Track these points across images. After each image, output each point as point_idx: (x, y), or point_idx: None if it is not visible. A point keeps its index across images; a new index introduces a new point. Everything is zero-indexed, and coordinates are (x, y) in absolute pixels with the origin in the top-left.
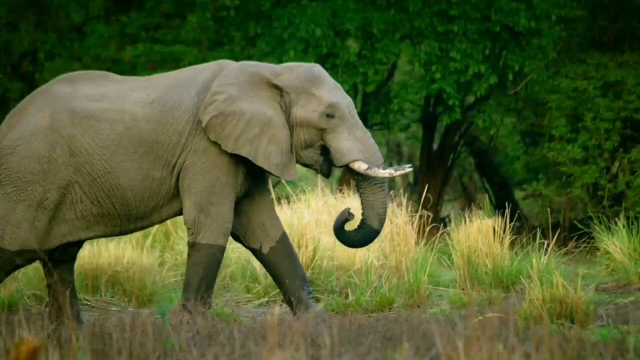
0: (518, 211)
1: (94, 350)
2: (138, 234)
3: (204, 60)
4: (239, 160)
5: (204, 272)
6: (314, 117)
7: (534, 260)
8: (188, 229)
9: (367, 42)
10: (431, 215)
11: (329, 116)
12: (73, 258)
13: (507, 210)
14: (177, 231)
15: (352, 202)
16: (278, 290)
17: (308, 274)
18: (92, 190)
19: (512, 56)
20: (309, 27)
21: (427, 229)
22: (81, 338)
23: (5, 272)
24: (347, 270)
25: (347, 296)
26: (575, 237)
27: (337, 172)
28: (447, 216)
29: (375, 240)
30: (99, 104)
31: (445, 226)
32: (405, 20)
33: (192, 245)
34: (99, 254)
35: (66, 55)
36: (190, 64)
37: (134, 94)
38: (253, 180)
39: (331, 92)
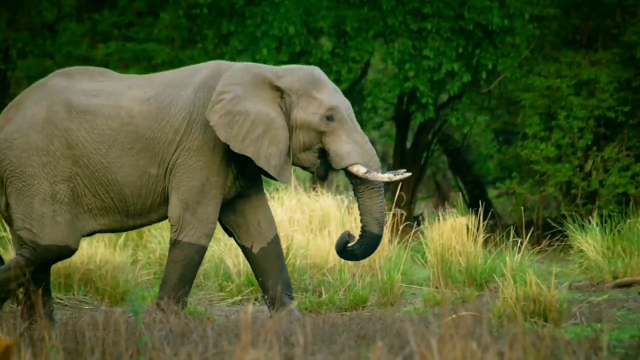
0: (491, 209)
1: (67, 349)
2: None
3: (176, 58)
4: (230, 162)
5: (182, 270)
6: (314, 119)
7: (507, 258)
8: (172, 225)
9: (340, 40)
10: (405, 214)
11: (329, 119)
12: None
13: (480, 208)
14: (150, 230)
15: (326, 201)
16: (251, 288)
17: None
18: (92, 184)
19: (485, 54)
20: (282, 25)
21: (401, 227)
22: (54, 337)
23: (33, 266)
24: (320, 269)
25: (320, 294)
26: (549, 236)
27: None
28: (421, 214)
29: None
30: (96, 99)
31: (418, 224)
32: (378, 18)
33: (175, 243)
34: None
35: (38, 53)
36: (162, 62)
37: (131, 91)
38: (246, 181)
39: (331, 95)
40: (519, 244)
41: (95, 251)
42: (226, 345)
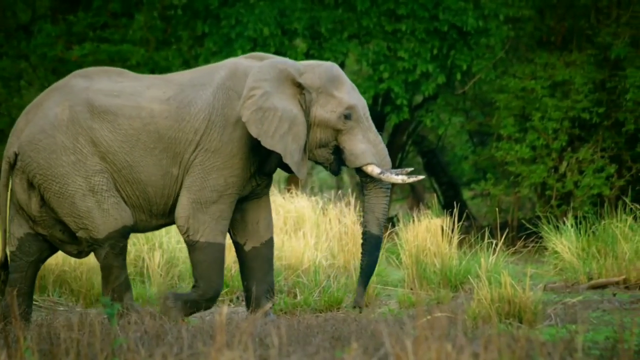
0: (466, 211)
1: (42, 350)
2: None
3: (151, 59)
4: (248, 161)
5: (211, 269)
6: (332, 117)
7: (482, 259)
8: (180, 226)
9: (314, 42)
10: None
11: (346, 118)
12: (44, 259)
13: (455, 209)
14: None
15: (300, 202)
16: (226, 290)
17: None
18: (120, 180)
19: (460, 55)
20: (256, 26)
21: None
22: (29, 338)
23: (117, 255)
24: (295, 270)
25: (295, 296)
26: (524, 237)
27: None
28: (396, 216)
29: (323, 240)
30: (117, 100)
31: (393, 226)
32: (353, 20)
33: (193, 244)
34: None
35: (13, 54)
36: (137, 63)
37: (150, 91)
38: (262, 180)
39: (350, 93)
40: (493, 245)
41: None
42: (201, 346)
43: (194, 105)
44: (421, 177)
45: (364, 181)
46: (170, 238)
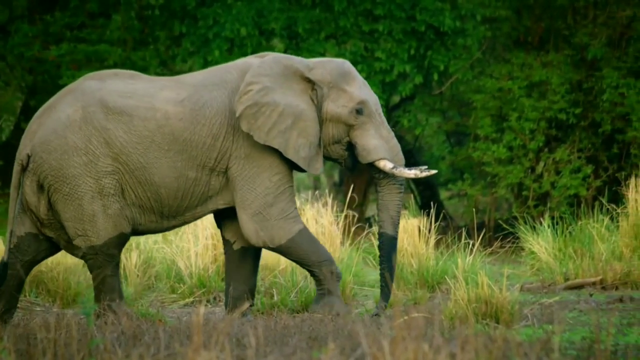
0: (443, 211)
1: (18, 351)
2: None
3: (128, 59)
4: (281, 156)
5: (313, 256)
6: (344, 112)
7: (459, 260)
8: (254, 243)
9: (292, 42)
10: (356, 215)
11: (358, 112)
12: (38, 261)
13: (432, 210)
14: None
15: None
16: (203, 290)
17: None
18: (132, 181)
19: (437, 56)
20: (234, 27)
21: (353, 229)
22: (5, 338)
23: (111, 264)
24: (272, 270)
25: (272, 296)
26: (501, 237)
27: None
28: (373, 216)
29: None
30: (130, 101)
31: (370, 226)
32: (330, 20)
33: (279, 250)
34: None
35: None
36: (114, 63)
37: (164, 92)
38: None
39: (361, 89)
40: (470, 245)
41: None
42: (178, 347)
43: (209, 107)
44: (434, 171)
45: (377, 177)
46: (147, 238)
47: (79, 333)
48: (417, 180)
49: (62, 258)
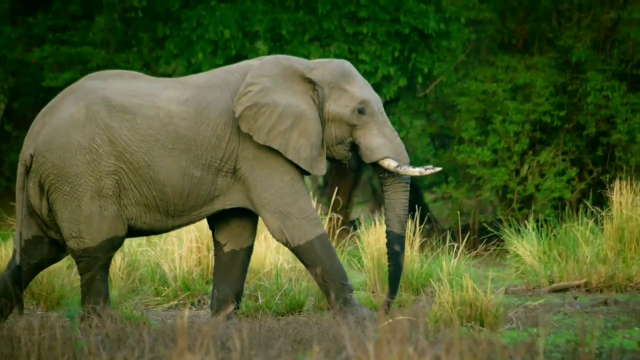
0: (428, 214)
1: (3, 354)
2: None
3: (111, 62)
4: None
5: (325, 262)
6: (346, 112)
7: (443, 263)
8: (278, 240)
9: (276, 44)
10: (341, 218)
11: (360, 112)
12: (45, 266)
13: (416, 213)
14: None
15: None
16: (187, 293)
17: None
18: (137, 179)
19: (421, 58)
20: (217, 29)
21: (337, 231)
22: None
23: (102, 267)
24: (257, 273)
25: (257, 299)
26: (485, 240)
27: None
28: (357, 219)
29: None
30: (134, 99)
31: (355, 229)
32: (314, 22)
33: (296, 251)
34: (7, 256)
35: None
36: (97, 65)
37: (167, 92)
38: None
39: (362, 88)
40: (455, 248)
41: None
42: (162, 350)
43: (212, 108)
44: (438, 168)
45: (382, 177)
46: (131, 241)
47: (63, 336)
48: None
49: None
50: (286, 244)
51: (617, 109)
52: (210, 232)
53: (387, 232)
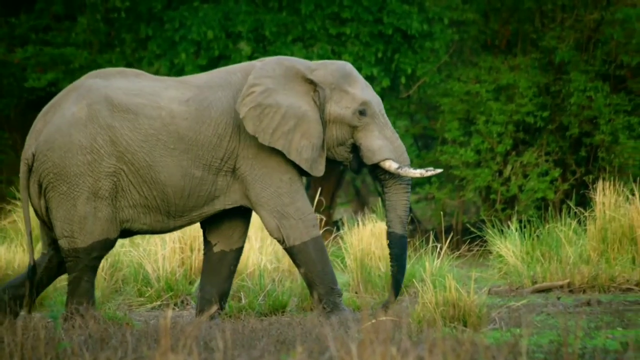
0: (411, 214)
1: None
2: None
3: (94, 62)
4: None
5: (319, 266)
6: (347, 113)
7: (427, 263)
8: (275, 238)
9: (259, 45)
10: (324, 219)
11: (361, 114)
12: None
13: None
14: None
15: None
16: (171, 294)
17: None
18: (137, 180)
19: (404, 59)
20: (200, 30)
21: (320, 232)
22: None
23: (91, 269)
24: (240, 274)
25: (240, 300)
26: (468, 241)
27: None
28: (340, 219)
29: (268, 243)
30: (137, 99)
31: (338, 229)
32: (297, 23)
33: (290, 250)
34: None
35: None
36: (80, 66)
37: (169, 92)
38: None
39: (363, 90)
40: (438, 249)
41: (14, 256)
42: (145, 350)
43: (213, 108)
44: (439, 170)
45: (383, 179)
46: None
47: (46, 336)
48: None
49: (26, 262)
50: (281, 242)
51: (600, 110)
52: (193, 232)
53: (389, 233)
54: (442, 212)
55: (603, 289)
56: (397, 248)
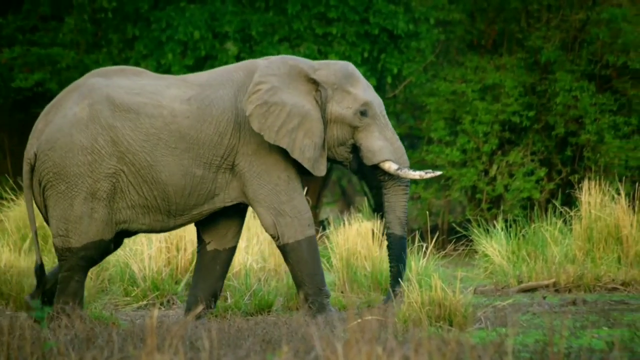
0: None
1: None
2: (15, 237)
3: (81, 62)
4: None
5: (307, 265)
6: (348, 114)
7: (412, 263)
8: (271, 235)
9: (245, 45)
10: None
11: (362, 114)
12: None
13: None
14: None
15: None
16: (157, 293)
17: (186, 277)
18: (137, 181)
19: (390, 59)
20: (187, 30)
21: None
22: None
23: (82, 269)
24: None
25: (226, 299)
26: (454, 240)
27: None
28: (326, 219)
29: (254, 243)
30: (138, 98)
31: (324, 229)
32: (284, 23)
33: (283, 248)
34: None
35: None
36: (67, 66)
37: (171, 90)
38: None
39: (365, 90)
40: (424, 248)
41: (0, 256)
42: (132, 349)
43: (215, 106)
44: (439, 172)
45: (382, 179)
46: None
47: (32, 336)
48: (370, 184)
49: (15, 261)
50: (276, 239)
51: (586, 110)
52: (179, 232)
53: (388, 234)
54: (427, 212)
55: (589, 288)
56: (397, 249)
